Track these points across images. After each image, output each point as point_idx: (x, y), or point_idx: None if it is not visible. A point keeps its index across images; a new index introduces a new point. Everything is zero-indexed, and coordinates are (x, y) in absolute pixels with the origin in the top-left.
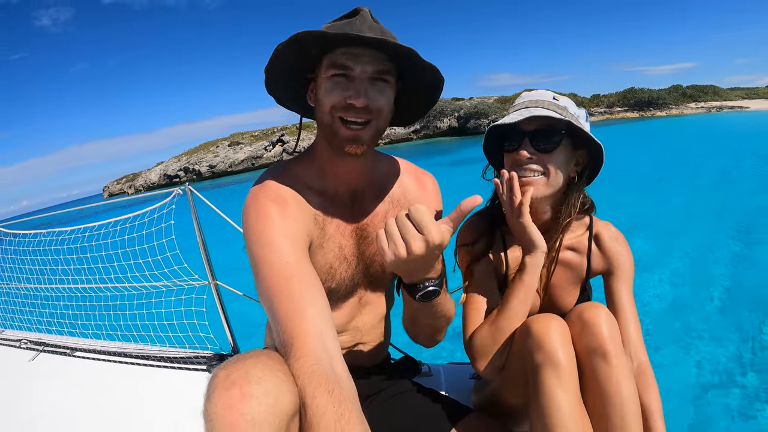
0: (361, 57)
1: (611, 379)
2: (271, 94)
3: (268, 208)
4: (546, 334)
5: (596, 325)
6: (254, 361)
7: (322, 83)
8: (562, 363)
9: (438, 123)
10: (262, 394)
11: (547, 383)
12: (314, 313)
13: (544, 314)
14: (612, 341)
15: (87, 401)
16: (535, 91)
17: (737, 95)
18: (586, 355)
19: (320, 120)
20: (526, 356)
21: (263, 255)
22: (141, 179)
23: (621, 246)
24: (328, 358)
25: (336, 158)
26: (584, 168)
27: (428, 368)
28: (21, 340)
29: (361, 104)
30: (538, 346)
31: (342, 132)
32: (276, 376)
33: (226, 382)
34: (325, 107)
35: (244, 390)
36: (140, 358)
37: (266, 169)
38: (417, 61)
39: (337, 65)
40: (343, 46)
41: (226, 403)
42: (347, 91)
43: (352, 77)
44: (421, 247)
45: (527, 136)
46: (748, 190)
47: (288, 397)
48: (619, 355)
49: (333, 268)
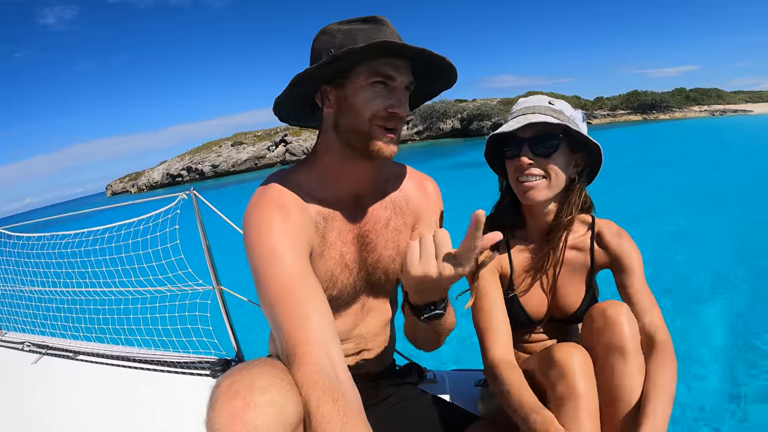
0: (401, 68)
1: (629, 376)
2: (280, 106)
3: (269, 217)
4: (568, 364)
5: (618, 324)
6: (259, 370)
7: (358, 90)
8: (583, 394)
9: (441, 124)
10: (266, 404)
11: (569, 414)
12: (317, 322)
13: (567, 344)
14: (632, 340)
15: (89, 405)
16: (531, 97)
17: (741, 98)
18: (605, 351)
19: (352, 126)
20: (548, 385)
21: (264, 264)
22: (144, 178)
23: (624, 240)
24: (332, 366)
25: (347, 163)
26: (584, 168)
27: (433, 375)
28: (24, 343)
29: (403, 114)
30: (561, 376)
31: (382, 136)
32: (280, 386)
33: (230, 392)
34: (365, 115)
35: (247, 400)
36: (143, 362)
37: (268, 176)
38: (449, 79)
39: (381, 74)
40: (389, 56)
41: (230, 412)
42: (390, 100)
43: (392, 87)
44: (450, 271)
45: (526, 142)
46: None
47: (292, 407)
48: (637, 354)
49: (334, 276)
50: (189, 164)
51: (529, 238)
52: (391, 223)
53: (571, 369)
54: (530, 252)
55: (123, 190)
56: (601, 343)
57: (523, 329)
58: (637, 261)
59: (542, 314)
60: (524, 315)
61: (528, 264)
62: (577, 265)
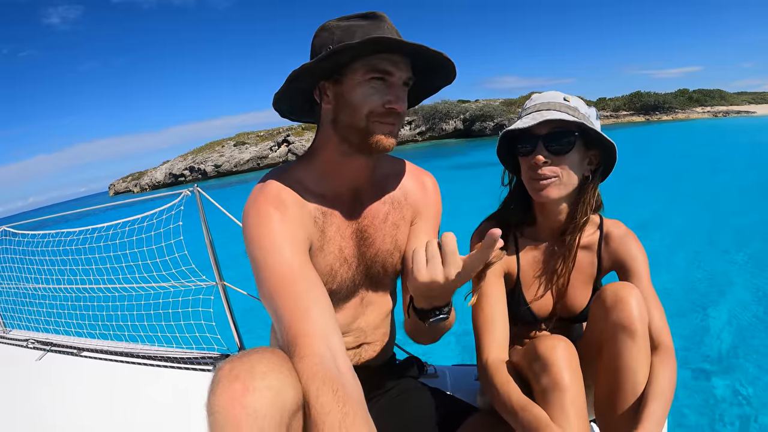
0: (399, 63)
1: (634, 356)
2: (280, 102)
3: (269, 212)
4: (552, 356)
5: (628, 303)
6: (259, 356)
7: (356, 86)
8: (569, 387)
9: (443, 125)
10: (265, 388)
11: (554, 407)
12: (318, 313)
13: (551, 336)
14: (641, 321)
15: (93, 401)
16: (546, 93)
17: (744, 99)
18: (613, 330)
19: (350, 122)
20: (533, 378)
21: (264, 258)
22: (146, 178)
23: (632, 242)
24: (333, 357)
25: (346, 158)
26: (597, 166)
27: (434, 369)
28: (28, 340)
29: (401, 109)
30: (544, 369)
31: (380, 129)
32: (280, 371)
33: (230, 376)
34: (362, 111)
35: (247, 384)
36: (147, 358)
37: (268, 171)
38: (447, 75)
39: (379, 70)
40: (386, 52)
41: (229, 396)
42: (387, 96)
43: (390, 82)
44: (457, 277)
45: (540, 139)
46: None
47: (290, 392)
48: (645, 337)
49: (333, 270)
50: (191, 164)
51: (538, 236)
52: (389, 217)
53: (555, 362)
54: (540, 251)
55: (126, 190)
56: (610, 322)
57: (527, 327)
58: (643, 263)
59: (548, 313)
60: (530, 314)
61: (537, 263)
62: (585, 265)
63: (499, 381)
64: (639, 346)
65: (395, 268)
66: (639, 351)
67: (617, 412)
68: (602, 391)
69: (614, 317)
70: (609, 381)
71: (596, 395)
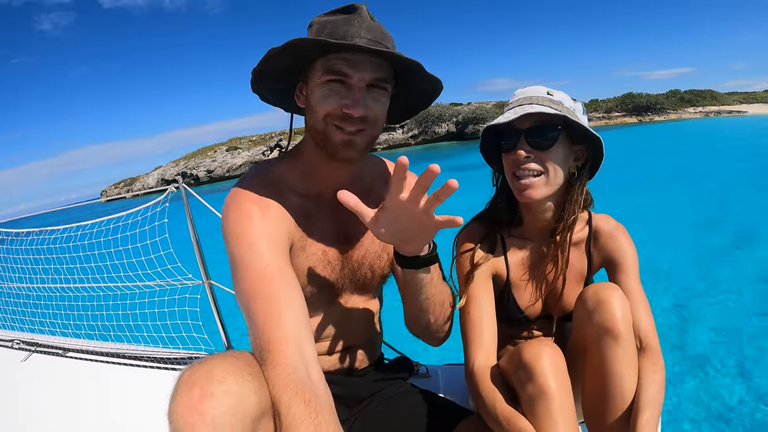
0: (359, 64)
1: (619, 360)
2: (256, 92)
3: (249, 209)
4: (537, 364)
5: (610, 305)
6: (219, 361)
7: (315, 88)
8: (555, 395)
9: (436, 128)
10: (223, 394)
11: (541, 415)
12: (292, 318)
13: (536, 342)
14: (624, 323)
15: (79, 402)
16: (529, 87)
17: (735, 99)
18: (597, 334)
19: (312, 125)
20: (518, 387)
21: (242, 256)
22: (139, 183)
23: (621, 237)
24: (305, 366)
25: (325, 161)
26: (584, 163)
27: (426, 369)
28: (13, 341)
29: (358, 114)
30: (530, 378)
31: (336, 137)
32: (240, 376)
33: (189, 382)
34: (319, 114)
35: (204, 390)
36: (133, 358)
37: (250, 167)
38: (420, 74)
39: (334, 71)
40: (341, 51)
41: (187, 403)
42: (344, 100)
43: (349, 84)
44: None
45: (523, 134)
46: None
47: (252, 398)
48: (630, 338)
49: (316, 272)
50: (184, 169)
51: (526, 236)
52: None
53: (540, 370)
54: (528, 251)
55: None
56: (593, 324)
57: (518, 326)
58: (633, 259)
59: (538, 312)
60: (520, 314)
61: (526, 264)
62: (575, 263)
63: (484, 390)
64: (624, 350)
65: (383, 272)
66: (625, 354)
67: (606, 418)
68: (590, 396)
69: (597, 320)
70: (596, 386)
71: (584, 399)
